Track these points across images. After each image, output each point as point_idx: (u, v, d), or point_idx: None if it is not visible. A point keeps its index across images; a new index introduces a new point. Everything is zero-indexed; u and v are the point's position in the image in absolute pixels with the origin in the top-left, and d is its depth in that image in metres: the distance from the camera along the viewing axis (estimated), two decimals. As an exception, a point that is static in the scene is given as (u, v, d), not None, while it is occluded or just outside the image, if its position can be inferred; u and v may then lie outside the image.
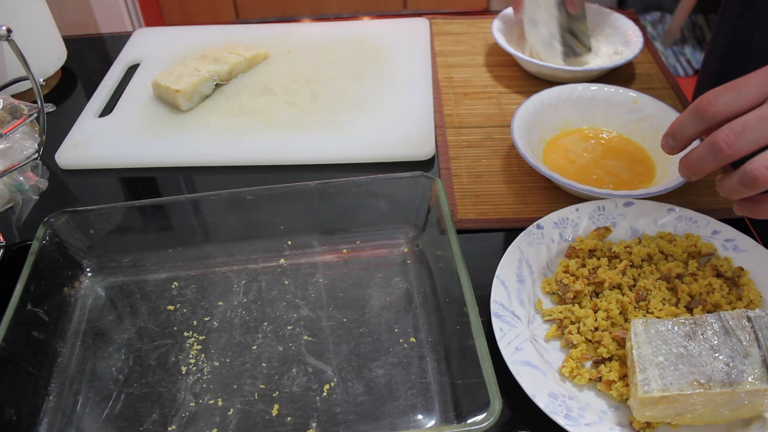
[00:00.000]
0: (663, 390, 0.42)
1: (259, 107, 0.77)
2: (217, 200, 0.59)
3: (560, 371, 0.49)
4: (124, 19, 1.84)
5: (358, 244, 0.60)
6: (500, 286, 0.53)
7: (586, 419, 0.45)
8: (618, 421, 0.46)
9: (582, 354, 0.49)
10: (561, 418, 0.44)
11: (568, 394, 0.47)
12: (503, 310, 0.51)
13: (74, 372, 0.52)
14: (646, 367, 0.44)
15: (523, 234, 0.57)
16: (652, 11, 2.43)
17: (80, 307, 0.56)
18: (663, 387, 0.43)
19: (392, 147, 0.70)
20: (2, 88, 0.65)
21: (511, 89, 0.81)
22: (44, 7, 0.82)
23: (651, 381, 0.43)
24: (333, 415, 0.48)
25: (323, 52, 0.86)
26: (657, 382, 0.43)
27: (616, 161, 0.67)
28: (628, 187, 0.63)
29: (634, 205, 0.59)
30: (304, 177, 0.60)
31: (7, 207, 0.59)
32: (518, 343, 0.49)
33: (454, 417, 0.47)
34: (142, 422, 0.48)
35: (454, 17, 0.95)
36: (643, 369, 0.44)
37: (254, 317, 0.55)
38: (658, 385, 0.43)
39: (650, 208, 0.59)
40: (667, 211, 0.58)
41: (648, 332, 0.46)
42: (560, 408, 0.45)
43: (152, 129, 0.75)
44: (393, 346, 0.52)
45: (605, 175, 0.65)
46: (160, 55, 0.87)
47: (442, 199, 0.55)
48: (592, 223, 0.58)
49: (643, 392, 0.43)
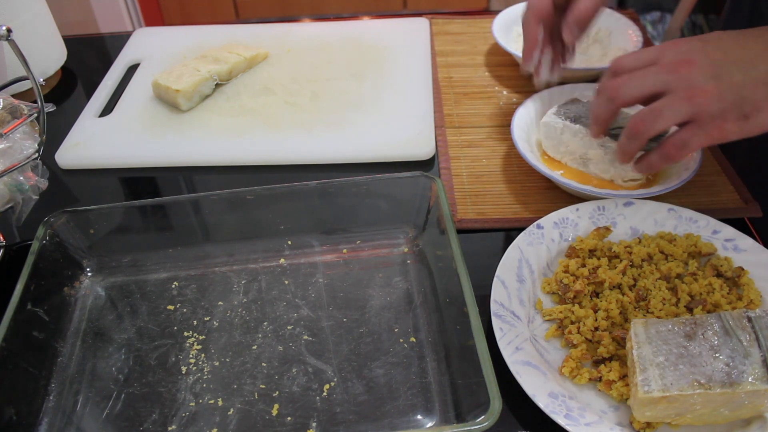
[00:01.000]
0: (663, 390, 0.42)
1: (259, 107, 0.77)
2: (217, 200, 0.59)
3: (560, 371, 0.49)
4: (124, 19, 1.84)
5: (358, 244, 0.60)
6: (500, 286, 0.53)
7: (586, 419, 0.45)
8: (618, 420, 0.46)
9: (582, 354, 0.49)
10: (561, 417, 0.44)
11: (569, 394, 0.47)
12: (503, 309, 0.51)
13: (74, 372, 0.52)
14: (646, 367, 0.44)
15: (523, 234, 0.57)
16: (652, 11, 2.43)
17: (80, 307, 0.56)
18: (663, 387, 0.43)
19: (392, 147, 0.70)
20: (2, 88, 0.65)
21: (511, 89, 0.81)
22: (44, 7, 0.82)
23: (651, 381, 0.43)
24: (333, 415, 0.48)
25: (323, 52, 0.86)
26: (657, 383, 0.43)
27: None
28: (627, 187, 0.63)
29: (634, 205, 0.59)
30: (304, 177, 0.60)
31: (7, 207, 0.59)
32: (518, 342, 0.49)
33: (454, 417, 0.47)
34: (142, 422, 0.48)
35: (454, 17, 0.95)
36: (643, 369, 0.44)
37: (254, 317, 0.55)
38: (659, 386, 0.43)
39: (650, 208, 0.59)
40: (667, 210, 0.58)
41: (648, 332, 0.46)
42: (560, 408, 0.45)
43: (152, 129, 0.75)
44: (393, 346, 0.52)
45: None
46: (160, 55, 0.87)
47: (442, 198, 0.55)
48: (592, 223, 0.58)
49: (643, 392, 0.43)
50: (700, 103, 0.50)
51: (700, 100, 0.50)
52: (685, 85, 0.51)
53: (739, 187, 0.65)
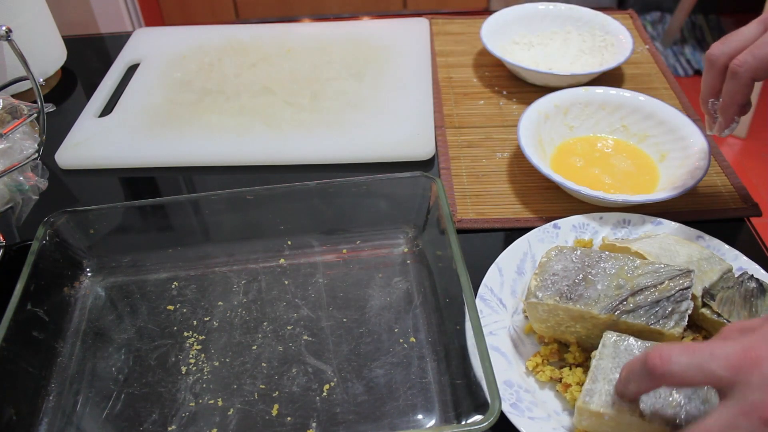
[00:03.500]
0: (601, 406, 0.42)
1: (259, 107, 0.77)
2: (217, 200, 0.58)
3: (526, 363, 0.49)
4: (124, 19, 1.84)
5: (358, 244, 0.60)
6: (496, 274, 0.54)
7: (532, 413, 0.45)
8: (566, 425, 0.46)
9: (551, 352, 0.50)
10: (506, 405, 0.45)
11: (526, 387, 0.47)
12: (491, 294, 0.52)
13: (74, 372, 0.52)
14: (597, 379, 0.43)
15: (537, 230, 0.57)
16: (652, 11, 2.43)
17: (80, 307, 0.56)
18: (603, 404, 0.42)
19: (392, 147, 0.70)
20: (2, 88, 0.65)
21: (510, 89, 0.81)
22: (44, 7, 0.82)
23: (595, 394, 0.42)
24: (333, 415, 0.48)
25: (323, 52, 0.86)
26: (600, 398, 0.42)
27: (619, 166, 0.67)
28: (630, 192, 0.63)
29: (662, 224, 0.58)
30: (304, 177, 0.60)
31: (7, 207, 0.59)
32: (494, 328, 0.51)
33: (454, 417, 0.47)
34: (142, 422, 0.48)
35: (454, 17, 0.95)
36: (593, 380, 0.43)
37: (254, 317, 0.55)
38: (600, 402, 0.42)
39: (679, 232, 0.57)
40: (696, 238, 0.57)
41: (617, 347, 0.44)
42: (510, 396, 0.46)
43: (152, 129, 0.75)
44: (393, 346, 0.52)
45: (606, 179, 0.65)
46: (160, 55, 0.87)
47: (442, 199, 0.55)
48: (612, 233, 0.58)
49: (582, 402, 0.42)
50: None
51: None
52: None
53: (739, 187, 0.65)
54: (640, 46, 0.86)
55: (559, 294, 0.47)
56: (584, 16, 0.86)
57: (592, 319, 0.46)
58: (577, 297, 0.46)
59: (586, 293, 0.46)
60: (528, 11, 0.87)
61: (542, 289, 0.47)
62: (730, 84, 0.51)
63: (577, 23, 0.86)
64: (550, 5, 0.88)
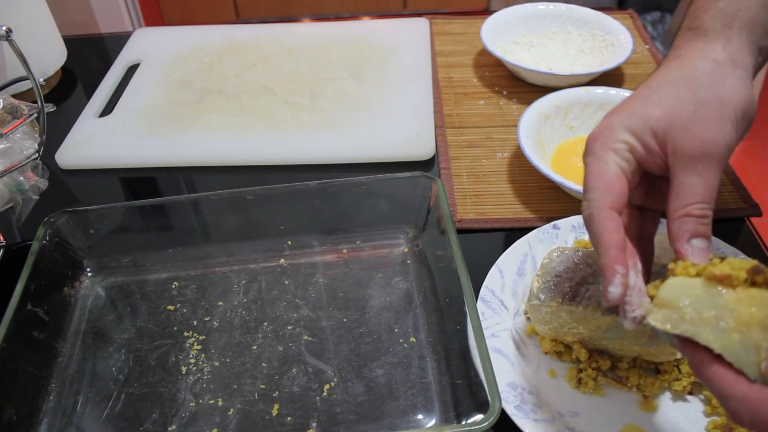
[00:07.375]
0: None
1: (259, 107, 0.77)
2: (217, 200, 0.58)
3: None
4: (124, 19, 1.84)
5: (358, 244, 0.60)
6: (497, 275, 0.54)
7: (536, 415, 0.45)
8: (571, 426, 0.46)
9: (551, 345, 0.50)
10: (511, 407, 0.45)
11: (529, 389, 0.47)
12: (492, 296, 0.52)
13: (74, 372, 0.52)
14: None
15: (537, 231, 0.57)
16: (652, 11, 2.43)
17: (80, 307, 0.56)
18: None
19: (392, 147, 0.70)
20: (2, 88, 0.65)
21: (510, 89, 0.81)
22: (44, 7, 0.82)
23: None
24: (333, 415, 0.48)
25: (323, 52, 0.86)
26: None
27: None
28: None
29: (663, 224, 0.57)
30: (304, 177, 0.60)
31: (7, 207, 0.59)
32: (496, 330, 0.51)
33: (454, 417, 0.47)
34: (142, 422, 0.48)
35: (454, 17, 0.95)
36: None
37: (254, 317, 0.55)
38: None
39: None
40: None
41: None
42: (514, 398, 0.46)
43: (152, 129, 0.75)
44: (393, 346, 0.52)
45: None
46: (160, 55, 0.87)
47: (442, 198, 0.55)
48: None
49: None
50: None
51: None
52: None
53: (739, 187, 0.65)
54: (640, 46, 0.86)
55: (562, 296, 0.47)
56: (584, 16, 0.86)
57: (595, 320, 0.46)
58: (580, 298, 0.46)
59: (588, 295, 0.47)
60: (528, 11, 0.87)
61: (545, 291, 0.47)
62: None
63: (578, 23, 0.86)
64: (550, 5, 0.88)
